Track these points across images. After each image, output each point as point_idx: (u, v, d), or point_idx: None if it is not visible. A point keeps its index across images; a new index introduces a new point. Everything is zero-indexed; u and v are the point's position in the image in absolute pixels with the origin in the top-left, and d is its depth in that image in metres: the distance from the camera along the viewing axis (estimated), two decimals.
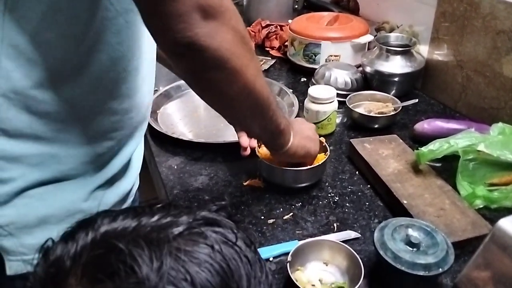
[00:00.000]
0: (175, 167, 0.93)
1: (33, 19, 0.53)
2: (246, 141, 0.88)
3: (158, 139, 1.01)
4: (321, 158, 0.86)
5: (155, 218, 0.37)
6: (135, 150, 0.75)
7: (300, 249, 0.68)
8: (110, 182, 0.70)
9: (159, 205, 0.40)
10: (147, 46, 0.67)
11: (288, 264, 0.65)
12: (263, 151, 0.86)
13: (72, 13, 0.54)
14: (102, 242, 0.36)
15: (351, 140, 0.96)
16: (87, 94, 0.61)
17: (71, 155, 0.62)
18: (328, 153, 0.86)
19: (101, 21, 0.57)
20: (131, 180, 0.76)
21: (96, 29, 0.57)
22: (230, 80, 0.56)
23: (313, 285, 0.66)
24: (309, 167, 0.83)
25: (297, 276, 0.66)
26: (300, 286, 0.63)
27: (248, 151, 0.87)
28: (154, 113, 1.09)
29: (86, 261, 0.35)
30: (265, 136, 0.72)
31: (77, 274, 0.34)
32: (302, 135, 0.77)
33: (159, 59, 0.76)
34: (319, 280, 0.67)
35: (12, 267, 0.62)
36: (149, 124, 1.03)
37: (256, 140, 0.87)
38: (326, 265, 0.69)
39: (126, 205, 0.77)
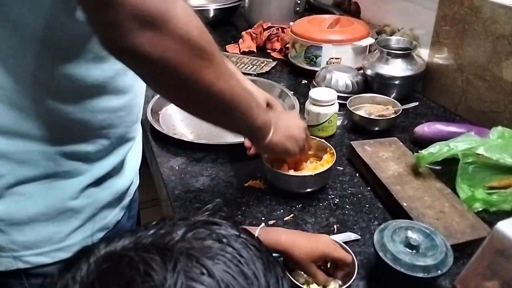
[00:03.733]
0: (177, 168, 0.93)
1: (14, 17, 0.53)
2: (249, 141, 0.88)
3: (159, 140, 1.02)
4: (327, 163, 0.86)
5: (152, 231, 0.37)
6: (129, 151, 0.76)
7: None
8: (102, 180, 0.70)
9: (153, 223, 0.39)
10: None
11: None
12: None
13: (54, 12, 0.54)
14: (106, 259, 0.35)
15: (351, 142, 0.97)
16: (75, 91, 0.61)
17: (59, 152, 0.63)
18: (334, 157, 0.86)
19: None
20: (127, 180, 0.77)
21: (86, 28, 0.57)
22: (182, 86, 0.56)
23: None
24: (315, 172, 0.83)
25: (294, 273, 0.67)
26: (296, 282, 0.64)
27: (253, 151, 0.87)
28: (155, 114, 1.10)
29: (94, 278, 0.33)
30: (238, 132, 0.73)
31: None
32: (285, 133, 0.75)
33: None
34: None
35: (3, 263, 0.64)
36: (150, 125, 1.04)
37: None
38: None
39: (123, 204, 0.77)
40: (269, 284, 0.35)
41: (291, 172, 0.84)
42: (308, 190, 0.85)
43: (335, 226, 0.79)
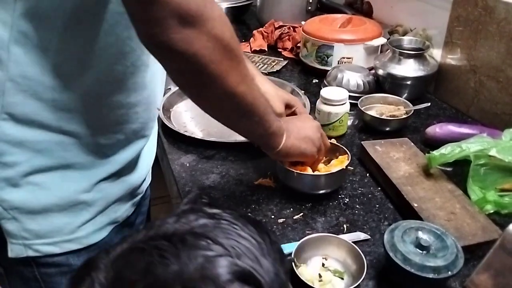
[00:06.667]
0: (187, 165, 0.94)
1: (43, 8, 0.55)
2: None
3: (170, 137, 1.03)
4: (341, 164, 0.85)
5: (143, 232, 0.39)
6: (143, 147, 0.76)
7: (302, 245, 0.69)
8: (116, 176, 0.71)
9: (140, 227, 0.43)
10: None
11: (293, 260, 0.66)
12: None
13: (83, 5, 0.56)
14: (118, 259, 0.37)
15: (362, 142, 0.96)
16: (95, 85, 0.62)
17: (76, 144, 0.64)
18: (349, 159, 0.84)
19: (112, 14, 0.58)
20: (139, 177, 0.77)
21: (107, 22, 0.58)
22: (209, 85, 0.58)
23: (320, 280, 0.67)
24: (327, 172, 0.82)
25: (301, 270, 0.67)
26: (304, 280, 0.64)
27: None
28: (167, 111, 1.11)
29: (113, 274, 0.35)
30: (253, 137, 0.74)
31: None
32: (298, 136, 0.76)
33: None
34: (322, 264, 0.69)
35: (14, 250, 0.65)
36: (162, 122, 1.04)
37: None
38: (326, 260, 0.70)
39: (134, 200, 0.78)
40: (266, 243, 0.40)
41: (305, 172, 0.83)
42: (322, 191, 0.84)
43: (345, 226, 0.79)
